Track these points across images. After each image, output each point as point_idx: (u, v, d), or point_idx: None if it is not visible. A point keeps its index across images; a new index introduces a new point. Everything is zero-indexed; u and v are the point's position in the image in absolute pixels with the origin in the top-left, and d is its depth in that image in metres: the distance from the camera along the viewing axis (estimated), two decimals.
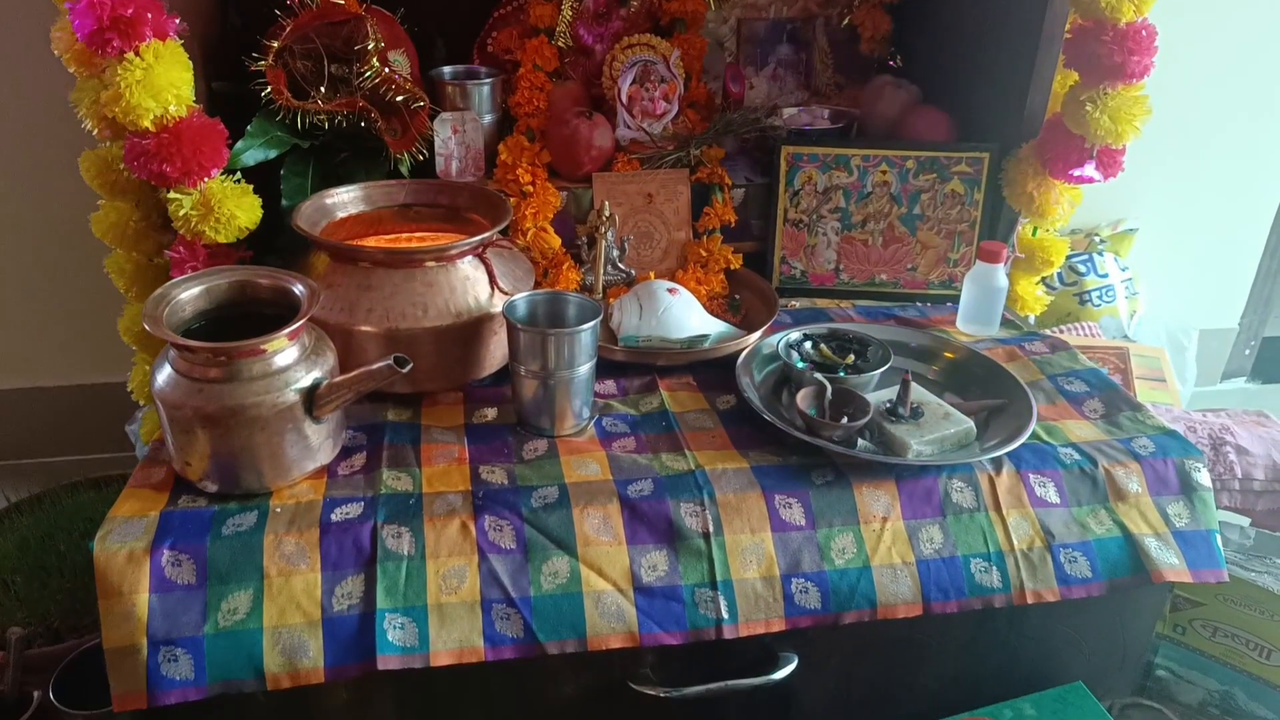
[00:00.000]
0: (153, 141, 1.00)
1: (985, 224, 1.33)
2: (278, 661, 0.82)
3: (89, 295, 1.62)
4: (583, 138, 1.27)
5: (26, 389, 1.72)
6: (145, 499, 0.89)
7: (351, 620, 0.84)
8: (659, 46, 1.33)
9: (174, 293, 0.89)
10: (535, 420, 1.03)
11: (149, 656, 0.81)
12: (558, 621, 0.87)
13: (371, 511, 0.89)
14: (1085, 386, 1.15)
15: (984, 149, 1.30)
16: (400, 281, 1.02)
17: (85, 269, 1.56)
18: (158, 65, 0.98)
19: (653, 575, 0.90)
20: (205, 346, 0.84)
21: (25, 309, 1.68)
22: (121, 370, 1.31)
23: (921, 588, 0.94)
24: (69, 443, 1.72)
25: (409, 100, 1.22)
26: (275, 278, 0.93)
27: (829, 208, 1.33)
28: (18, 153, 1.57)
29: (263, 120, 1.16)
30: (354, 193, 1.15)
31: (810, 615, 0.92)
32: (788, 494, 0.95)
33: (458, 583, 0.87)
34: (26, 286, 1.66)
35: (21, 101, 1.54)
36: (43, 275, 1.65)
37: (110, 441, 1.58)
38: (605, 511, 0.91)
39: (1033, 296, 1.39)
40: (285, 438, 0.88)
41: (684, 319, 1.15)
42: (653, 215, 1.31)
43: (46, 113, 1.52)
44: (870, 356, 1.12)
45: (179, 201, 1.03)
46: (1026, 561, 0.96)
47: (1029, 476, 1.00)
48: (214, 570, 0.84)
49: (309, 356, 0.90)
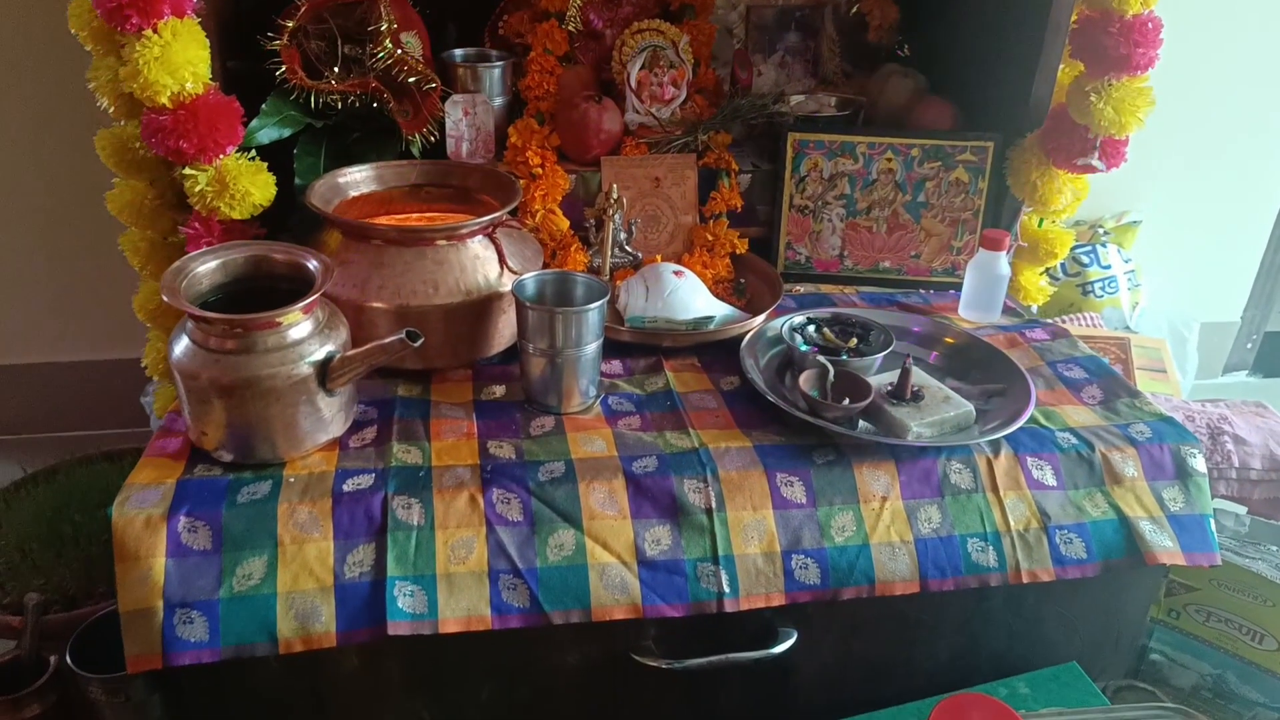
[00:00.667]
0: (169, 118, 1.01)
1: (989, 212, 1.34)
2: (291, 626, 0.84)
3: (103, 272, 1.64)
4: (592, 121, 1.28)
5: (41, 364, 1.75)
6: (162, 467, 0.91)
7: (363, 587, 0.86)
8: (668, 32, 1.35)
9: (192, 266, 0.91)
10: (543, 397, 1.05)
11: (164, 619, 0.83)
12: (563, 592, 0.89)
13: (382, 483, 0.91)
14: (1084, 373, 1.17)
15: (988, 138, 1.32)
16: (411, 259, 1.04)
17: (100, 246, 1.58)
18: (175, 42, 0.99)
19: (656, 549, 0.92)
20: (222, 318, 0.86)
21: (41, 285, 1.71)
22: (134, 346, 1.34)
23: (919, 566, 0.96)
24: (83, 417, 1.74)
25: (421, 82, 1.24)
26: (290, 253, 0.95)
27: (834, 194, 1.34)
28: (33, 131, 1.59)
29: (277, 99, 1.18)
30: (366, 172, 1.17)
31: (810, 590, 0.94)
32: (789, 472, 0.97)
33: (466, 553, 0.89)
34: (42, 263, 1.68)
35: (37, 80, 1.55)
36: (58, 252, 1.68)
37: (123, 416, 1.61)
38: (610, 487, 0.93)
39: (1036, 287, 1.40)
40: (299, 409, 0.90)
41: (690, 301, 1.17)
42: (660, 199, 1.33)
43: (61, 91, 1.54)
44: (872, 340, 1.14)
45: (194, 178, 1.05)
46: (1022, 542, 0.98)
47: (1026, 459, 1.02)
48: (229, 537, 0.86)
49: (322, 330, 0.92)
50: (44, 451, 1.38)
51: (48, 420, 1.76)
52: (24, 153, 1.61)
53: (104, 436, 1.56)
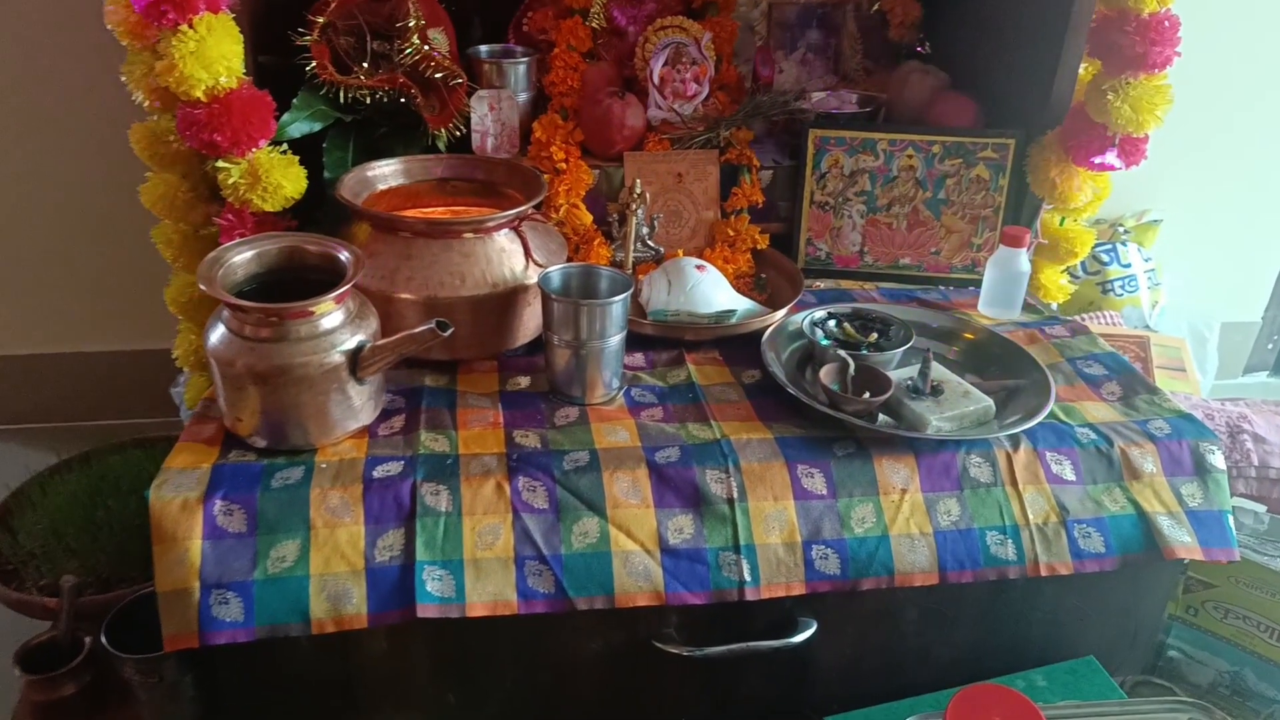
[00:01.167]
0: (204, 112, 1.03)
1: (1009, 209, 1.35)
2: (323, 607, 0.86)
3: (134, 265, 1.67)
4: (615, 117, 1.30)
5: (73, 354, 1.78)
6: (198, 452, 0.93)
7: (393, 571, 0.88)
8: (691, 29, 1.36)
9: (227, 256, 0.93)
10: (567, 388, 1.06)
11: (201, 599, 0.85)
12: (587, 579, 0.91)
13: (411, 470, 0.93)
14: (1104, 370, 1.18)
15: (1009, 135, 1.32)
16: (439, 251, 1.06)
17: (130, 239, 1.61)
18: (210, 37, 1.01)
19: (679, 538, 0.93)
20: (257, 307, 0.88)
21: (73, 277, 1.74)
22: (163, 337, 1.36)
23: (938, 558, 0.97)
24: (114, 406, 1.78)
25: (448, 77, 1.26)
26: (323, 244, 0.97)
27: (855, 191, 1.35)
28: (66, 126, 1.62)
29: (307, 94, 1.20)
30: (394, 166, 1.19)
31: (829, 580, 0.95)
32: (810, 464, 0.98)
33: (493, 539, 0.91)
34: (75, 255, 1.72)
35: (71, 75, 1.58)
36: (90, 245, 1.71)
37: (153, 406, 1.64)
38: (634, 476, 0.95)
39: (1057, 285, 1.41)
40: (330, 397, 0.92)
41: (711, 295, 1.19)
42: (682, 195, 1.34)
43: (95, 86, 1.57)
44: (892, 335, 1.15)
45: (228, 170, 1.07)
46: (1041, 535, 0.99)
47: (1046, 454, 1.02)
48: (263, 520, 0.88)
49: (353, 320, 0.94)
50: (76, 439, 1.41)
51: (80, 409, 1.79)
52: (57, 147, 1.64)
53: (134, 425, 1.59)
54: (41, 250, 1.72)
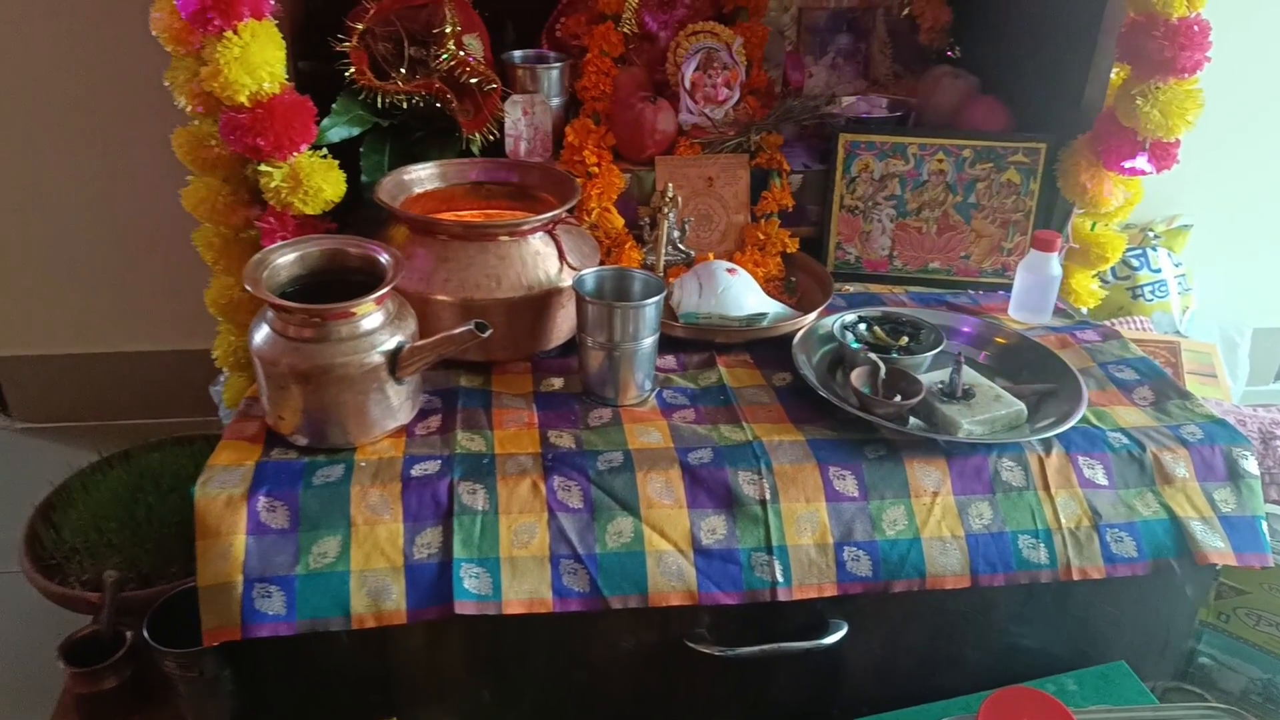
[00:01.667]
0: (248, 116, 1.06)
1: (1040, 214, 1.35)
2: (363, 602, 0.88)
3: (173, 267, 1.71)
4: (647, 122, 1.31)
5: (114, 354, 1.82)
6: (241, 450, 0.95)
7: (431, 568, 0.90)
8: (722, 34, 1.37)
9: (272, 258, 0.95)
10: (600, 390, 1.08)
11: (244, 592, 0.87)
12: (621, 578, 0.92)
13: (448, 469, 0.94)
14: (1135, 375, 1.17)
15: (1040, 140, 1.33)
16: (475, 254, 1.07)
17: (170, 242, 1.65)
18: (254, 43, 1.04)
19: (712, 538, 0.94)
20: (301, 308, 0.90)
21: (115, 278, 1.78)
22: (202, 338, 1.39)
23: (970, 561, 0.97)
24: (153, 405, 1.81)
25: (482, 83, 1.28)
26: (363, 247, 0.99)
27: (884, 195, 1.36)
28: (107, 130, 1.66)
29: (346, 99, 1.22)
30: (430, 170, 1.21)
31: (861, 582, 0.96)
32: (841, 466, 0.99)
33: (528, 538, 0.92)
34: (117, 258, 1.76)
35: (114, 80, 1.62)
36: (132, 247, 1.75)
37: (191, 404, 1.67)
38: (667, 476, 0.96)
39: (1088, 290, 1.41)
40: (370, 396, 0.94)
41: (742, 298, 1.19)
42: (712, 198, 1.35)
43: (137, 91, 1.60)
44: (923, 339, 1.15)
45: (270, 174, 1.09)
46: (1073, 539, 0.99)
47: (1078, 458, 1.03)
48: (305, 517, 0.90)
49: (393, 321, 0.95)
50: (117, 437, 1.44)
51: (120, 408, 1.83)
52: (99, 152, 1.68)
53: (173, 424, 1.62)
54: (84, 253, 1.76)
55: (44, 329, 1.83)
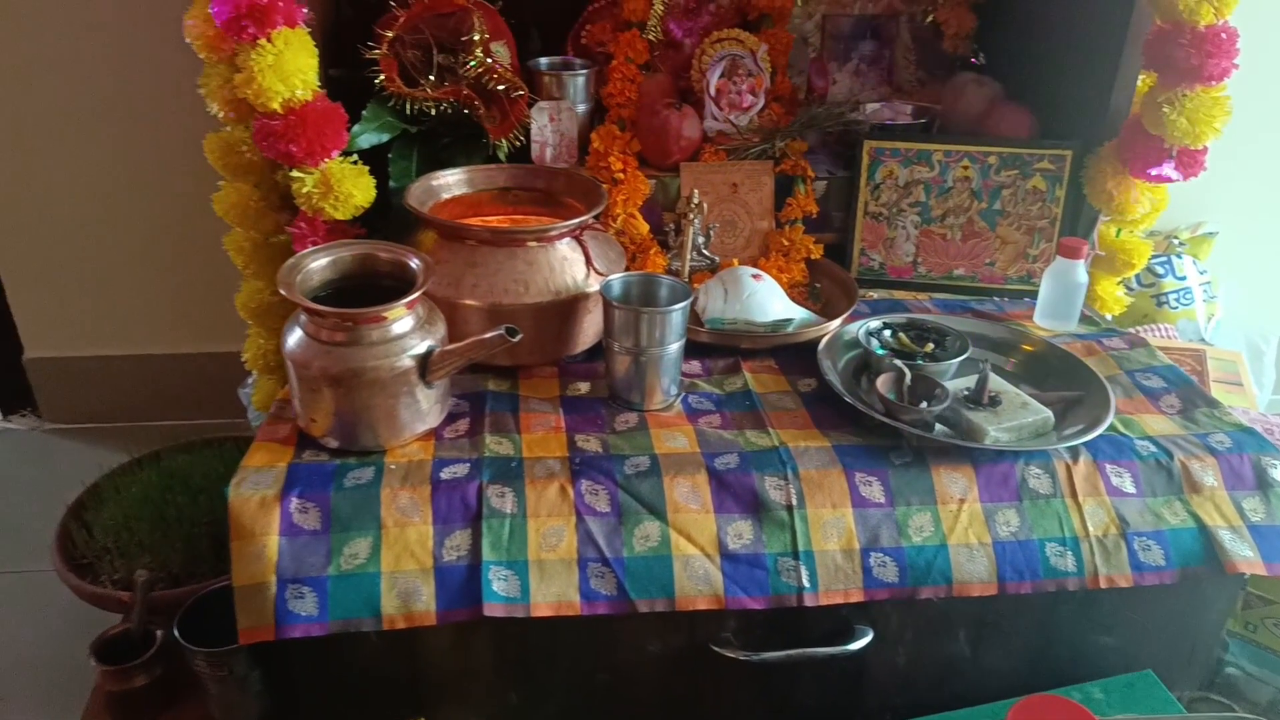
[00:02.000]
0: (280, 123, 1.07)
1: (1066, 221, 1.35)
2: (394, 604, 0.89)
3: (202, 270, 1.73)
4: (673, 128, 1.32)
5: (144, 356, 1.85)
6: (273, 451, 0.96)
7: (460, 570, 0.91)
8: (747, 41, 1.38)
9: (305, 262, 0.96)
10: (626, 394, 1.08)
11: (278, 593, 0.88)
12: (648, 582, 0.93)
13: (477, 472, 0.95)
14: (1162, 382, 1.17)
15: (1066, 147, 1.32)
16: (503, 259, 1.08)
17: (199, 246, 1.67)
18: (287, 51, 1.05)
19: (738, 543, 0.95)
20: (334, 312, 0.91)
21: (146, 282, 1.80)
22: (231, 341, 1.40)
23: (997, 568, 0.97)
24: (183, 407, 1.84)
25: (509, 89, 1.29)
26: (394, 252, 1.00)
27: (909, 201, 1.36)
28: (138, 136, 1.68)
29: (376, 106, 1.24)
30: (458, 175, 1.22)
31: (887, 588, 0.96)
32: (867, 472, 0.99)
33: (556, 541, 0.93)
34: (148, 262, 1.78)
35: (144, 88, 1.64)
36: (162, 251, 1.77)
37: (220, 406, 1.69)
38: (694, 481, 0.97)
39: (1113, 297, 1.40)
40: (400, 400, 0.95)
41: (767, 304, 1.20)
42: (737, 205, 1.36)
43: (167, 98, 1.63)
44: (948, 346, 1.15)
45: (302, 180, 1.11)
46: (1101, 547, 0.99)
47: (1105, 466, 1.02)
48: (337, 518, 0.91)
49: (423, 326, 0.96)
50: (147, 438, 1.45)
51: (150, 409, 1.86)
52: (130, 156, 1.70)
53: (201, 426, 1.64)
54: (115, 257, 1.79)
55: (74, 331, 1.86)
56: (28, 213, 1.75)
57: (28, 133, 1.68)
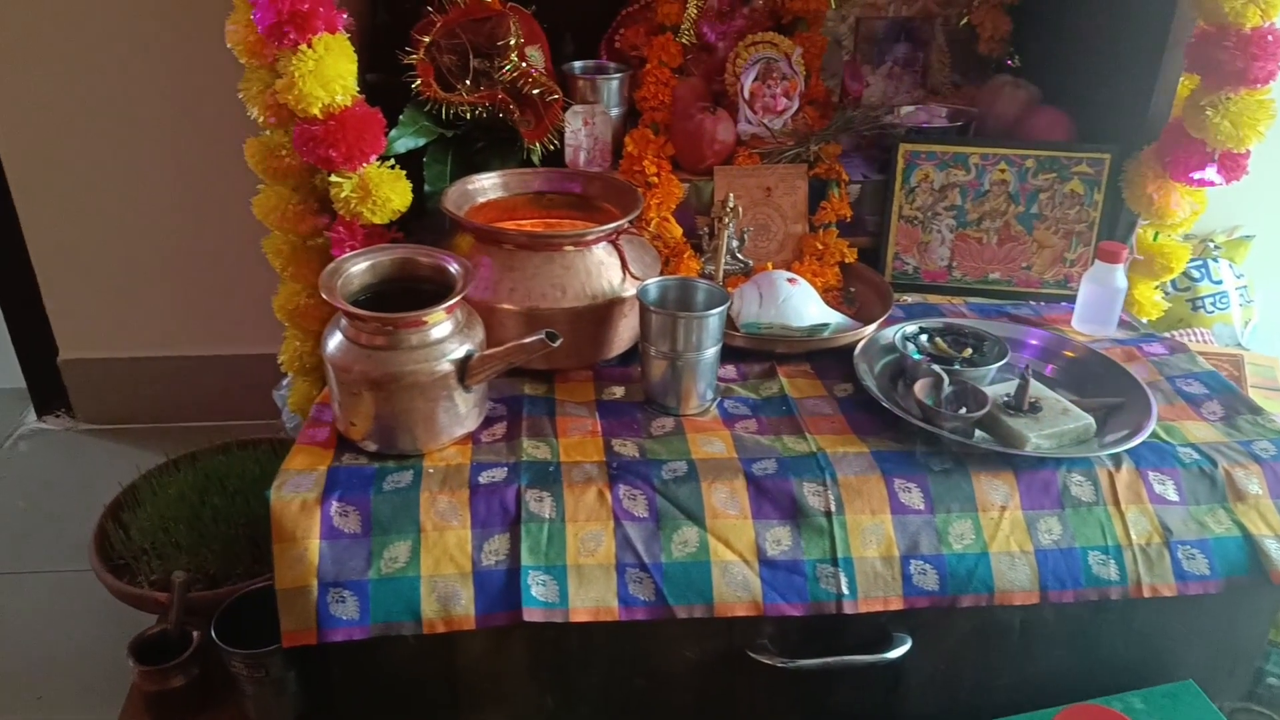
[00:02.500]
0: (321, 128, 1.08)
1: (1104, 225, 1.33)
2: (434, 608, 0.89)
3: (238, 273, 1.74)
4: (707, 132, 1.32)
5: (174, 357, 1.87)
6: (313, 455, 0.97)
7: (499, 574, 0.91)
8: (782, 44, 1.37)
9: (345, 266, 0.97)
10: (662, 399, 1.08)
11: (319, 597, 0.89)
12: (687, 587, 0.92)
13: (515, 476, 0.95)
14: (1204, 389, 1.15)
15: (1105, 150, 1.31)
16: (541, 264, 1.08)
17: (237, 249, 1.68)
18: (328, 57, 1.06)
19: (777, 549, 0.94)
20: (375, 316, 0.91)
21: (175, 284, 1.82)
22: (265, 343, 1.42)
23: (1039, 576, 0.96)
24: (217, 408, 1.85)
25: (544, 93, 1.29)
26: (434, 256, 1.00)
27: (944, 205, 1.35)
28: (175, 140, 1.70)
29: (413, 110, 1.24)
30: (494, 179, 1.23)
31: (928, 596, 0.95)
32: (907, 479, 0.98)
33: (595, 545, 0.93)
34: (185, 264, 1.80)
35: (185, 93, 1.66)
36: (199, 254, 1.79)
37: (254, 408, 1.70)
38: (731, 487, 0.96)
39: (1151, 301, 1.39)
40: (439, 404, 0.95)
41: (803, 309, 1.19)
42: (771, 208, 1.35)
43: (207, 103, 1.64)
44: (986, 351, 1.14)
45: (340, 185, 1.11)
46: (1144, 556, 0.98)
47: (1148, 474, 1.01)
48: (377, 522, 0.91)
49: (462, 330, 0.97)
50: (182, 439, 1.47)
51: (182, 410, 1.87)
52: (166, 159, 1.72)
53: (235, 427, 1.65)
54: (150, 259, 1.81)
55: (108, 332, 1.88)
56: (63, 214, 1.77)
57: (64, 135, 1.71)
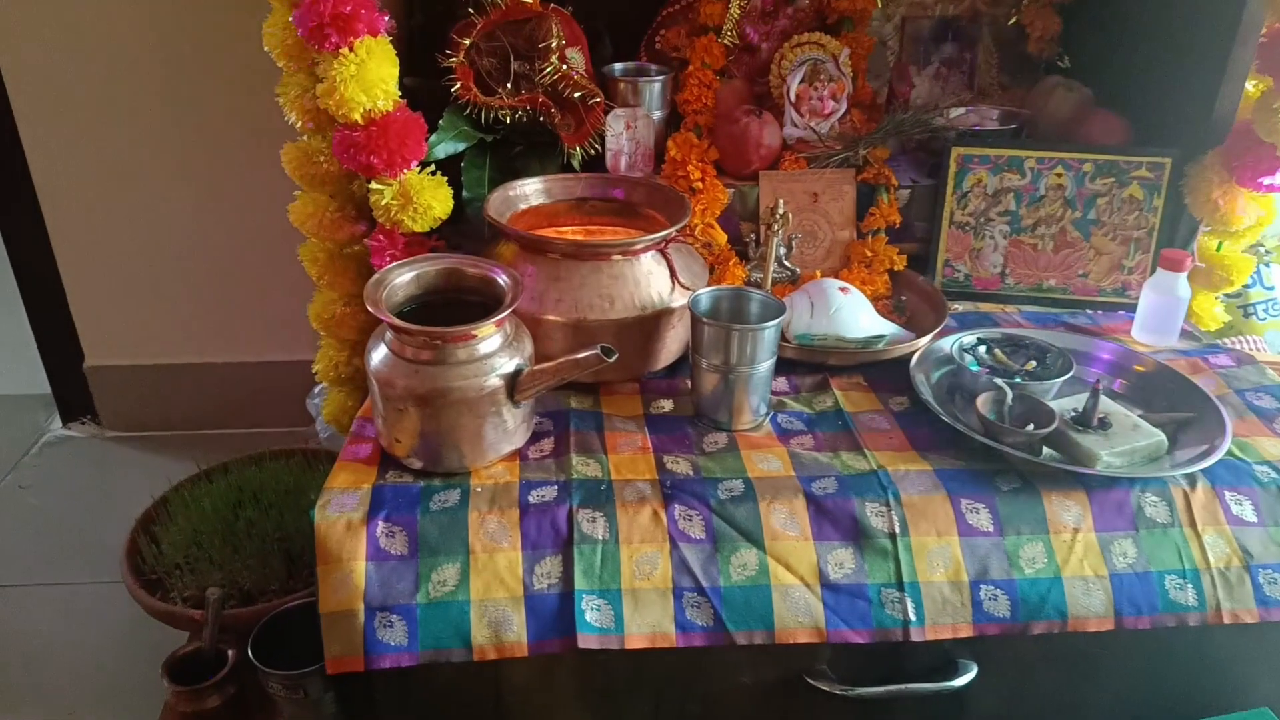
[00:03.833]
0: (362, 134, 1.04)
1: (1164, 231, 1.29)
2: (485, 634, 0.86)
3: (264, 280, 1.72)
4: (753, 136, 1.28)
5: (200, 364, 1.84)
6: (357, 472, 0.94)
7: (552, 599, 0.87)
8: (829, 45, 1.33)
9: (390, 277, 0.93)
10: (713, 413, 1.04)
11: (366, 621, 0.85)
12: (747, 613, 0.88)
13: (566, 495, 0.92)
14: (1276, 403, 1.11)
15: (1166, 154, 1.26)
16: (588, 274, 1.05)
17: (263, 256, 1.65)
18: (370, 61, 1.02)
19: (839, 572, 0.90)
20: (422, 330, 0.88)
21: (206, 291, 1.80)
22: (298, 350, 1.39)
23: (1114, 602, 0.92)
24: (248, 416, 1.82)
25: (586, 96, 1.25)
26: (481, 267, 0.97)
27: (998, 210, 1.30)
28: (207, 144, 1.67)
29: (453, 115, 1.21)
30: (535, 185, 1.19)
31: (998, 623, 0.91)
32: (974, 499, 0.94)
33: (650, 569, 0.89)
34: (209, 271, 1.78)
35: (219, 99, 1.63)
36: (224, 261, 1.76)
37: (281, 417, 1.67)
38: (791, 507, 0.92)
39: (1210, 313, 1.34)
40: (487, 420, 0.92)
41: (855, 318, 1.15)
42: (817, 214, 1.31)
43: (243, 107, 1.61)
44: (1050, 364, 1.10)
45: (380, 192, 1.08)
46: (1224, 580, 0.93)
47: (1224, 494, 0.97)
48: (424, 543, 0.88)
49: (511, 344, 0.93)
50: (214, 447, 1.44)
51: (209, 418, 1.85)
52: (195, 166, 1.70)
53: (263, 435, 1.63)
54: (177, 265, 1.78)
55: (135, 339, 1.86)
56: (89, 216, 1.75)
57: (91, 139, 1.68)
